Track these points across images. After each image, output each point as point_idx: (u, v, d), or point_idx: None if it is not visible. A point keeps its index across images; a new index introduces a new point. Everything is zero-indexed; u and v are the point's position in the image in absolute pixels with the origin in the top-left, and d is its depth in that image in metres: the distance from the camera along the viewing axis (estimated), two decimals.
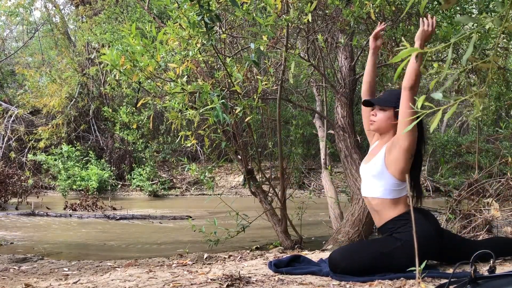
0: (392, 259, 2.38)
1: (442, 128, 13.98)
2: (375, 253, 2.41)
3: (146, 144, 11.58)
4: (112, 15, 9.71)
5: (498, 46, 4.37)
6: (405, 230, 2.42)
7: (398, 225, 2.46)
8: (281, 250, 3.97)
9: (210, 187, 4.22)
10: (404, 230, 2.43)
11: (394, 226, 2.47)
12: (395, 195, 2.50)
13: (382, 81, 5.44)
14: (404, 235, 2.41)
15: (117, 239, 5.51)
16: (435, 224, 2.53)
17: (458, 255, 2.50)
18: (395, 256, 2.38)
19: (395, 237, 2.44)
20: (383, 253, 2.40)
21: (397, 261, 2.37)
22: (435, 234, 2.45)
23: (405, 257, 2.35)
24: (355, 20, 3.54)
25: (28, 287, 2.47)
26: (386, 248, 2.41)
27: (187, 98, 3.54)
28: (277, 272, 2.56)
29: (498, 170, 5.22)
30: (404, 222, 2.45)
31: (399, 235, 2.43)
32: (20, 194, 8.45)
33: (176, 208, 8.51)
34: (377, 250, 2.42)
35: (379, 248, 2.43)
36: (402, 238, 2.40)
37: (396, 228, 2.46)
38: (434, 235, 2.44)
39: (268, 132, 5.09)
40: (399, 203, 2.50)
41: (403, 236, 2.41)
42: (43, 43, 14.61)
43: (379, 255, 2.40)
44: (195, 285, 2.25)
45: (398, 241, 2.41)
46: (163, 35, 3.41)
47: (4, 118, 11.93)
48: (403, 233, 2.42)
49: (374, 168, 2.55)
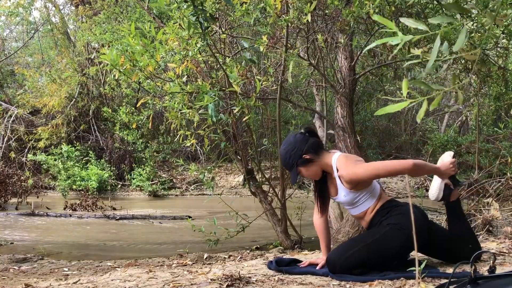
0: (385, 243, 2.45)
1: (442, 128, 13.99)
2: (368, 243, 2.47)
3: (146, 144, 11.58)
4: (112, 15, 9.71)
5: (498, 46, 4.37)
6: (391, 215, 2.52)
7: (382, 214, 2.56)
8: (281, 250, 3.98)
9: (210, 187, 4.21)
10: (390, 215, 2.53)
11: (380, 216, 2.56)
12: (373, 198, 2.60)
13: (382, 82, 5.44)
14: (391, 219, 2.50)
15: (117, 239, 5.51)
16: (421, 210, 2.64)
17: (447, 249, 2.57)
18: (387, 240, 2.45)
19: (383, 224, 2.52)
20: (376, 240, 2.46)
21: (390, 245, 2.44)
22: (421, 216, 2.55)
23: (397, 238, 2.43)
24: (355, 20, 3.54)
25: (28, 287, 2.47)
26: (377, 234, 2.49)
27: (187, 98, 3.54)
28: (277, 270, 2.57)
29: (498, 170, 5.22)
30: (388, 209, 2.56)
31: (386, 221, 2.51)
32: (20, 194, 8.44)
33: (176, 208, 8.51)
34: (370, 239, 2.49)
35: (371, 237, 2.50)
36: (390, 222, 2.49)
37: (381, 217, 2.55)
38: (421, 217, 2.53)
39: (268, 132, 5.09)
40: (378, 200, 2.60)
41: (390, 220, 2.50)
42: (43, 43, 14.61)
43: (372, 243, 2.46)
44: (195, 285, 2.25)
45: (387, 226, 2.49)
46: (163, 35, 3.41)
47: (4, 118, 11.93)
48: (389, 218, 2.51)
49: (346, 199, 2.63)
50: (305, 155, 2.58)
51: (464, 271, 2.26)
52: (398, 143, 13.22)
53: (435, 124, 14.09)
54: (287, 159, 2.63)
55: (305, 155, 2.58)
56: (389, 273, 2.36)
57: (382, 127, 13.59)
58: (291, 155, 2.60)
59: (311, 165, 2.61)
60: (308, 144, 2.60)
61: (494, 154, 8.03)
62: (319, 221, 2.77)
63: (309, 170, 2.63)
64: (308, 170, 2.62)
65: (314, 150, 2.60)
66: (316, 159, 2.60)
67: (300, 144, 2.61)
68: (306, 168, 2.61)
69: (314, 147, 2.61)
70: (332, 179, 2.66)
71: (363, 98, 12.33)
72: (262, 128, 8.07)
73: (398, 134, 13.55)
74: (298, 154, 2.59)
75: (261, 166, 4.50)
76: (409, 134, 13.20)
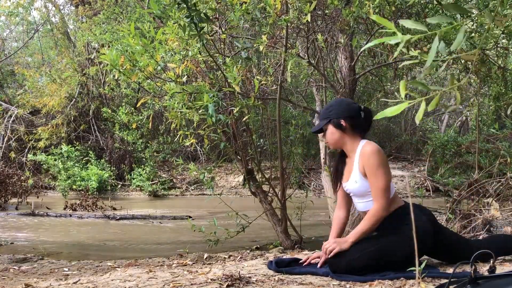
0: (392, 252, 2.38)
1: (442, 128, 14.00)
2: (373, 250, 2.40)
3: (146, 144, 11.58)
4: (112, 15, 9.72)
5: (498, 46, 4.37)
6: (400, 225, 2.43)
7: (391, 221, 2.47)
8: (281, 250, 3.97)
9: (210, 187, 4.21)
10: (399, 225, 2.44)
11: (389, 223, 2.48)
12: None
13: (382, 81, 5.44)
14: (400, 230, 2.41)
15: (117, 239, 5.51)
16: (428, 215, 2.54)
17: (454, 253, 2.53)
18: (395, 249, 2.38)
19: (391, 233, 2.44)
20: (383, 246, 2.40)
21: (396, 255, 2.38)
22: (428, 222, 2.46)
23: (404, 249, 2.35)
24: (355, 20, 3.54)
25: (28, 287, 2.47)
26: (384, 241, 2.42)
27: (187, 98, 3.54)
28: (277, 271, 2.56)
29: (498, 170, 5.22)
30: (400, 217, 2.46)
31: (394, 230, 2.44)
32: (20, 194, 8.44)
33: (176, 208, 8.51)
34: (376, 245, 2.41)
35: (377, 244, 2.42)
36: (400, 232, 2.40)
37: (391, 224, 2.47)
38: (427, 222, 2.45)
39: (268, 132, 5.09)
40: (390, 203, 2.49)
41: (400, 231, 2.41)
42: (43, 43, 14.61)
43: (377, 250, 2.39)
44: (195, 285, 2.26)
45: (395, 235, 2.41)
46: (162, 35, 3.41)
47: (4, 118, 11.93)
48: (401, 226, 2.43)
49: (356, 187, 2.54)
50: (343, 120, 2.51)
51: (464, 271, 2.26)
52: (398, 143, 13.22)
53: (435, 124, 14.09)
54: (328, 110, 2.58)
55: (343, 120, 2.51)
56: (389, 273, 2.36)
57: (382, 127, 13.60)
58: (334, 109, 2.55)
59: (339, 131, 2.53)
60: (356, 116, 2.53)
61: (494, 154, 8.03)
62: (337, 214, 2.72)
63: (334, 134, 2.55)
64: (333, 134, 2.55)
65: (354, 125, 2.52)
66: (348, 132, 2.52)
67: (350, 109, 2.54)
68: (333, 131, 2.54)
69: (357, 123, 2.52)
70: (349, 164, 2.58)
71: (363, 98, 12.33)
72: (262, 128, 8.08)
73: (398, 134, 13.57)
74: (340, 113, 2.52)
75: (261, 166, 4.50)
76: (409, 134, 13.21)
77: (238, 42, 3.46)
